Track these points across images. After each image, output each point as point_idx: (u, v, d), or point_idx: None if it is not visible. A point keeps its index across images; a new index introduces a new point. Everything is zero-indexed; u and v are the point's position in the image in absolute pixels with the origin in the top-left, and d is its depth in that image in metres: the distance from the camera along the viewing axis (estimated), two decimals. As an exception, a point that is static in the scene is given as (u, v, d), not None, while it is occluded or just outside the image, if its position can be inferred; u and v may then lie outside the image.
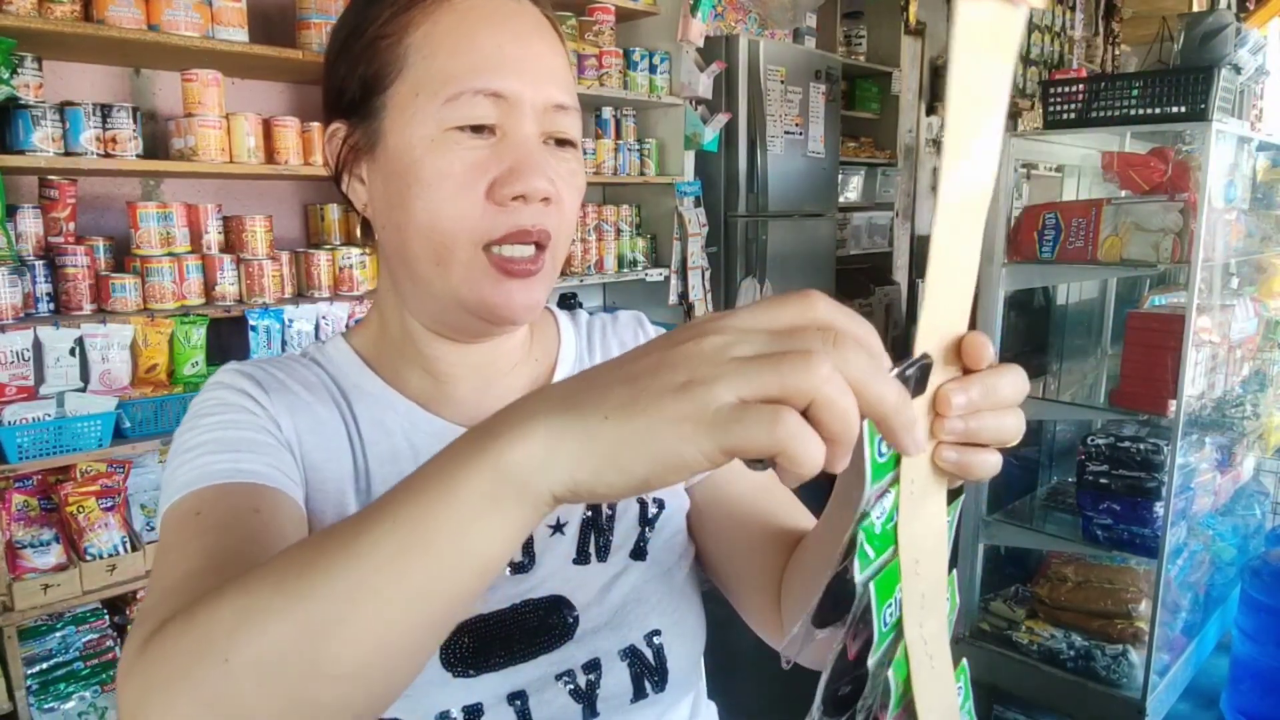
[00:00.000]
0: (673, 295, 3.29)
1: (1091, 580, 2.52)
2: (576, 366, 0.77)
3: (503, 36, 0.61)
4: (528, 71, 0.62)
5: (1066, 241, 2.29)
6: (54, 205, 2.06)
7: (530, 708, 0.64)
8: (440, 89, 0.60)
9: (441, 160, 0.60)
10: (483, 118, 0.60)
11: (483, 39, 0.61)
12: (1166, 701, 2.44)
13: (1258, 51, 2.38)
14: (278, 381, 0.67)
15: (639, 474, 0.34)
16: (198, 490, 0.57)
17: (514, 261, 0.62)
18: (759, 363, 0.33)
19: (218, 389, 0.65)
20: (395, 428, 0.68)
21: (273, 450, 0.62)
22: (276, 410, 0.64)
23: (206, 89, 2.12)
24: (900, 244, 5.33)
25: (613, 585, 0.70)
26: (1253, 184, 2.73)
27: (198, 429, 0.62)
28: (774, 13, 3.77)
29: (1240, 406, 2.86)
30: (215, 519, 0.55)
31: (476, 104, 0.60)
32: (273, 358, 0.71)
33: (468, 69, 0.60)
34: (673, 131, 3.28)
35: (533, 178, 0.60)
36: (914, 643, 0.41)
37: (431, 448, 0.66)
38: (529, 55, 0.62)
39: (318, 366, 0.71)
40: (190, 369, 2.15)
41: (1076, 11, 5.81)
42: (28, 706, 1.90)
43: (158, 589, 0.51)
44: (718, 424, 0.33)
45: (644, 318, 0.84)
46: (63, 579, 1.90)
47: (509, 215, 0.61)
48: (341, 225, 2.58)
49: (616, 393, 0.35)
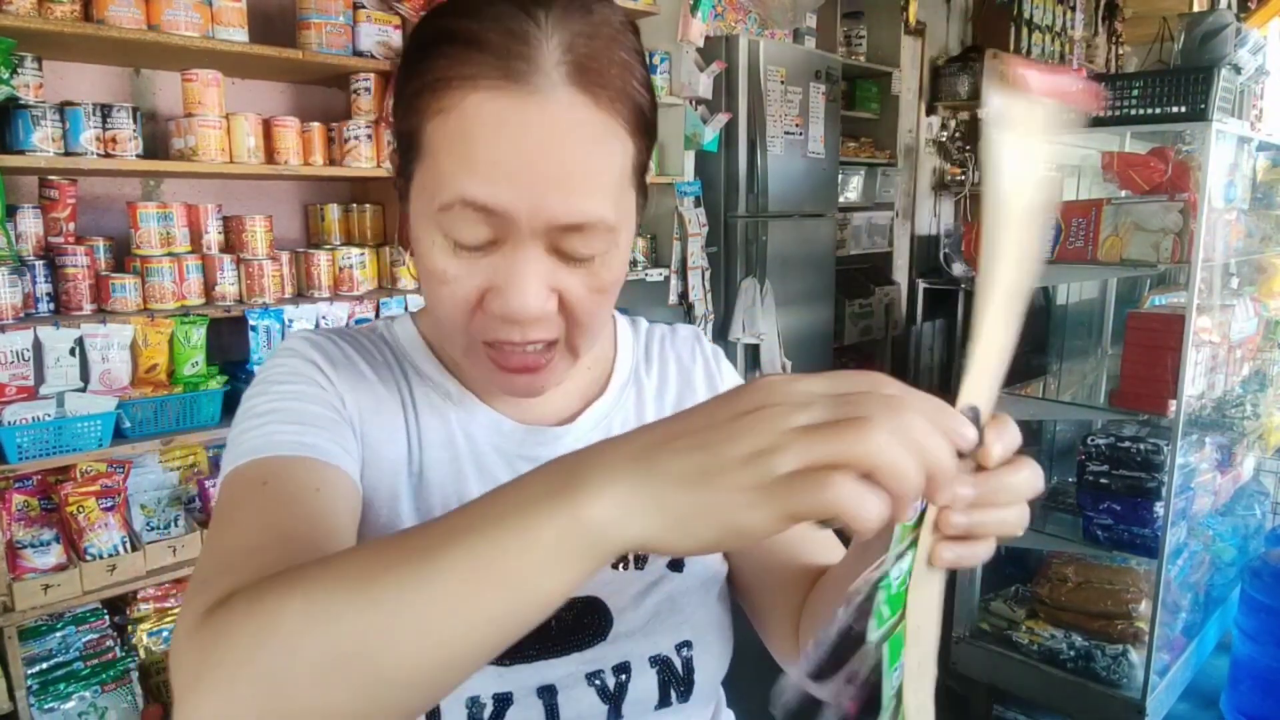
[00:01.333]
0: (673, 295, 3.29)
1: (1092, 580, 2.52)
2: (632, 377, 0.78)
3: (501, 141, 0.54)
4: (525, 185, 0.54)
5: (1066, 241, 2.29)
6: (54, 205, 2.06)
7: (559, 703, 0.65)
8: (436, 194, 0.56)
9: (437, 264, 0.58)
10: (470, 237, 0.56)
11: (480, 136, 0.54)
12: (1166, 702, 2.44)
13: (1258, 51, 2.38)
14: (344, 356, 0.67)
15: (706, 539, 0.37)
16: (264, 459, 0.57)
17: (512, 357, 0.60)
18: (819, 432, 0.35)
19: (289, 356, 0.66)
20: (450, 415, 0.69)
21: (336, 426, 0.62)
22: (342, 387, 0.65)
23: (206, 89, 2.12)
24: (900, 244, 5.33)
25: (649, 592, 0.70)
26: (1253, 184, 2.73)
27: (268, 395, 0.62)
28: (774, 13, 3.77)
29: (1240, 406, 2.86)
30: (278, 492, 0.55)
31: (466, 218, 0.55)
32: (343, 329, 0.72)
33: (459, 169, 0.55)
34: (673, 131, 3.27)
35: (518, 305, 0.57)
36: (911, 710, 0.42)
37: (484, 439, 0.69)
38: (533, 163, 0.54)
39: (385, 344, 0.71)
40: (190, 369, 2.15)
41: (1076, 11, 5.81)
42: (28, 706, 1.90)
43: (218, 553, 0.52)
44: (778, 493, 0.35)
45: (701, 334, 0.84)
46: (63, 579, 1.90)
47: (500, 327, 0.59)
48: (341, 225, 2.58)
49: (688, 459, 0.37)
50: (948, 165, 5.61)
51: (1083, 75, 2.50)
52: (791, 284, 3.65)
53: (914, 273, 5.41)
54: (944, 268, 5.46)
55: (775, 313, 3.46)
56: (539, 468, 0.41)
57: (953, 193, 5.66)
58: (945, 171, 5.61)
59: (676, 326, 0.84)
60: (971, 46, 5.55)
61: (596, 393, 0.75)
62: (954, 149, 5.57)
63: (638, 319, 0.84)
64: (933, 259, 5.58)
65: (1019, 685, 2.50)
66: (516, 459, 0.69)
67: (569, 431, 0.72)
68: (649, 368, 0.79)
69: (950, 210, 5.78)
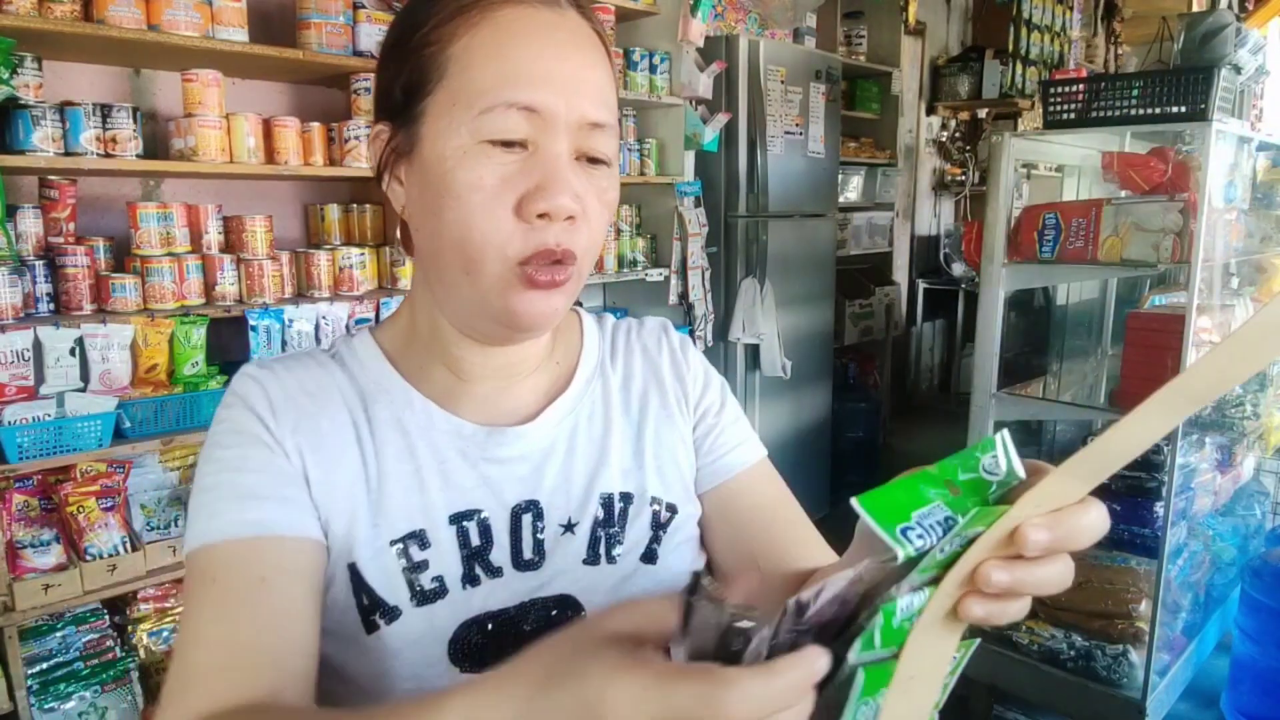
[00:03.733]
0: (673, 295, 3.29)
1: (1092, 580, 2.52)
2: (598, 371, 0.78)
3: (539, 49, 0.61)
4: (562, 86, 0.61)
5: (1066, 241, 2.29)
6: (54, 205, 2.06)
7: None
8: (475, 100, 0.60)
9: (472, 173, 0.60)
10: (514, 132, 0.60)
11: (519, 51, 0.61)
12: (1166, 702, 2.44)
13: (1258, 51, 2.38)
14: (285, 395, 0.68)
15: None
16: (211, 546, 0.61)
17: (543, 275, 0.62)
18: None
19: (232, 407, 0.68)
20: (411, 426, 0.69)
21: (280, 485, 0.64)
22: (282, 432, 0.66)
23: (206, 89, 2.12)
24: (900, 244, 5.33)
25: (622, 587, 0.70)
26: (1253, 184, 2.73)
27: (213, 463, 0.65)
28: (774, 13, 3.77)
29: (1240, 406, 2.86)
30: (226, 593, 0.59)
31: (509, 117, 0.60)
32: (291, 357, 0.72)
33: (501, 81, 0.60)
34: (673, 131, 3.28)
35: (558, 195, 0.60)
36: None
37: (446, 444, 0.69)
38: (565, 69, 0.62)
39: (338, 365, 0.72)
40: (190, 369, 2.15)
41: (1076, 11, 5.81)
42: (28, 706, 1.90)
43: (184, 667, 0.57)
44: None
45: (669, 325, 0.85)
46: (63, 579, 1.90)
47: (535, 233, 0.61)
48: (341, 225, 2.58)
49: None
50: (948, 165, 5.61)
51: (1082, 75, 2.50)
52: (791, 284, 3.65)
53: (914, 273, 5.42)
54: (944, 268, 5.47)
55: (775, 313, 3.46)
56: None
57: (953, 193, 5.67)
58: (945, 171, 5.62)
59: (645, 319, 0.84)
60: (971, 46, 5.55)
61: (559, 389, 0.75)
62: (954, 149, 5.57)
63: (605, 315, 0.84)
64: (933, 259, 5.58)
65: (1019, 685, 2.50)
66: (480, 461, 0.70)
67: (530, 430, 0.72)
68: (614, 361, 0.80)
69: (950, 210, 5.79)
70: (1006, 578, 0.38)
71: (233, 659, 0.56)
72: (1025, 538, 0.37)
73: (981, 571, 0.37)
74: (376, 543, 0.65)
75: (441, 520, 0.67)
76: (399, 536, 0.66)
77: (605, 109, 0.64)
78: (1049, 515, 0.38)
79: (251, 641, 0.57)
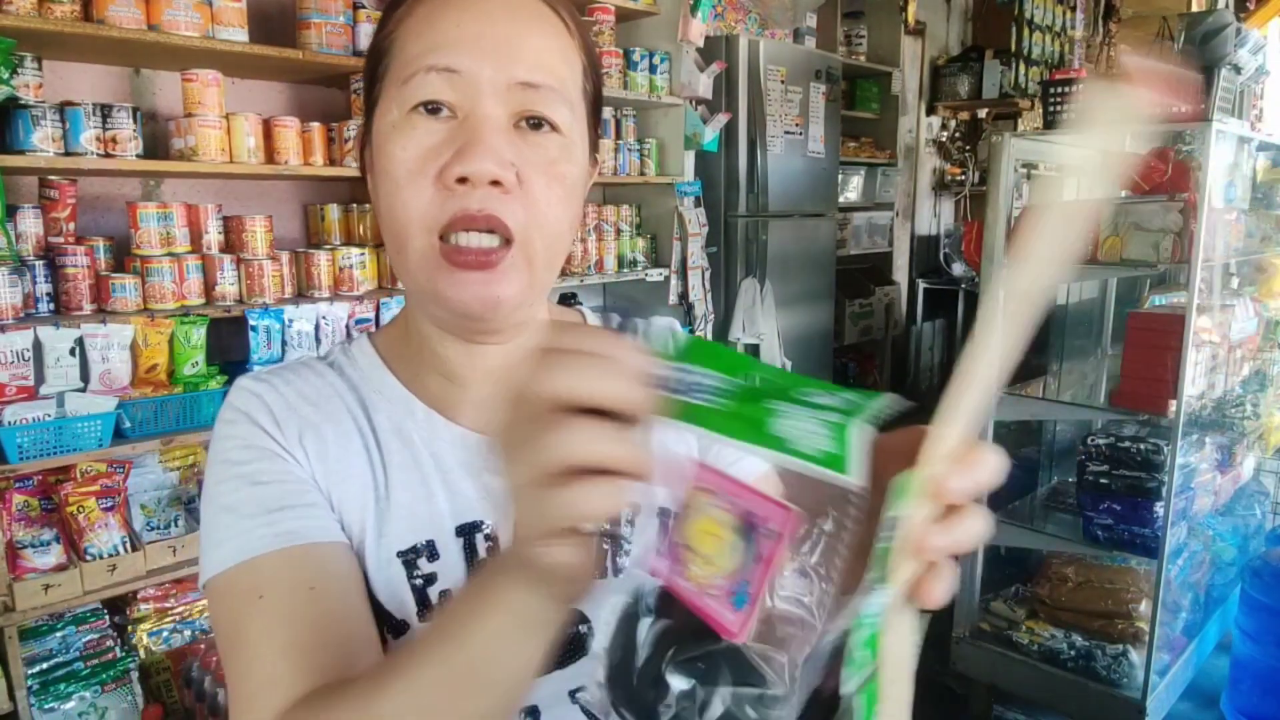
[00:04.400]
0: (673, 295, 3.29)
1: (1092, 580, 2.53)
2: None
3: (466, 17, 0.59)
4: (492, 48, 0.59)
5: (1066, 241, 2.28)
6: (54, 205, 2.06)
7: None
8: (400, 72, 0.60)
9: (398, 145, 0.59)
10: (433, 94, 0.58)
11: (444, 21, 0.60)
12: (1166, 701, 2.44)
13: (1258, 51, 2.38)
14: (289, 405, 0.66)
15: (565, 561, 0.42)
16: (248, 563, 0.59)
17: (465, 251, 0.58)
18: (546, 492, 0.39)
19: (237, 422, 0.65)
20: (414, 435, 0.68)
21: (302, 493, 0.62)
22: (291, 441, 0.64)
23: (206, 89, 2.12)
24: (900, 244, 5.33)
25: None
26: (1253, 184, 2.73)
27: (229, 480, 0.62)
28: (774, 13, 3.77)
29: (1240, 406, 2.86)
30: (277, 605, 0.57)
31: (429, 81, 0.58)
32: (286, 367, 0.70)
33: (425, 49, 0.59)
34: (673, 131, 3.28)
35: (477, 159, 0.57)
36: None
37: (450, 455, 0.68)
38: (494, 31, 0.59)
39: (336, 373, 0.70)
40: (190, 369, 2.15)
41: (1077, 11, 5.81)
42: (28, 706, 1.90)
43: (245, 691, 0.55)
44: None
45: (678, 326, 0.83)
46: (63, 579, 1.90)
47: (455, 199, 0.58)
48: (341, 225, 2.58)
49: None
50: (948, 165, 5.60)
51: (1082, 75, 2.50)
52: (791, 284, 3.65)
53: (914, 273, 5.41)
54: (944, 268, 5.46)
55: (775, 313, 3.46)
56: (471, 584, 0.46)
57: (953, 193, 5.66)
58: (945, 171, 5.61)
59: (653, 320, 0.82)
60: (971, 46, 5.55)
61: None
62: (954, 149, 5.57)
63: (610, 314, 0.83)
64: (933, 259, 5.58)
65: (1019, 685, 2.50)
66: (483, 471, 0.68)
67: None
68: None
69: (950, 210, 5.78)
70: (947, 540, 0.37)
71: (304, 660, 0.55)
72: (947, 488, 0.37)
73: (926, 543, 0.37)
74: (381, 554, 0.64)
75: (449, 531, 0.66)
76: (405, 548, 0.65)
77: (543, 71, 0.60)
78: (953, 465, 0.37)
79: (317, 645, 0.56)
